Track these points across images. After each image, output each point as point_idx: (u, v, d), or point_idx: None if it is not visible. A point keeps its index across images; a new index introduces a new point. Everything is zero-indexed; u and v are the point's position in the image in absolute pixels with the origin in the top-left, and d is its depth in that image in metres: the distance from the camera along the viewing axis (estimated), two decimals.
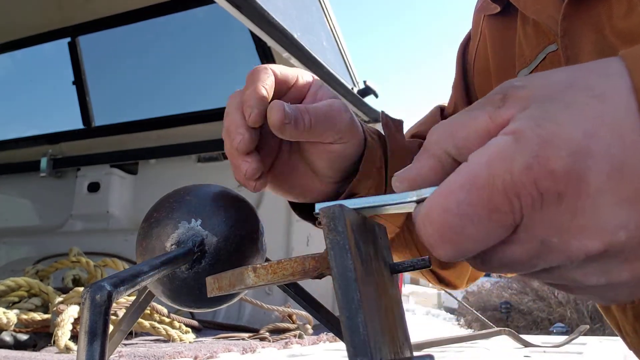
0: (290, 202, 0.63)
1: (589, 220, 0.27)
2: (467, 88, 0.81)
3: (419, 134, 0.80)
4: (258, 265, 0.32)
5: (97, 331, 0.32)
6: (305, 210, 0.63)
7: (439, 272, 0.76)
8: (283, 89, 0.55)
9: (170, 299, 0.50)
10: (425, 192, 0.31)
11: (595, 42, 0.54)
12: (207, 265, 0.48)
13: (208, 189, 0.52)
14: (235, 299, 0.53)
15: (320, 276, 0.32)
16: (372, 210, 0.34)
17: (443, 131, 0.33)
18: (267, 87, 0.51)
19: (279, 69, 0.54)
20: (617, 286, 0.29)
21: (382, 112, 0.68)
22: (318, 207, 0.30)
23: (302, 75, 0.56)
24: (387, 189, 0.61)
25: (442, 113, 0.83)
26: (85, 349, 0.31)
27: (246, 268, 0.33)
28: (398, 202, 0.33)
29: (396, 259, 0.73)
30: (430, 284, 0.80)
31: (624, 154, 0.26)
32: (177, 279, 0.48)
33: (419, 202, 0.31)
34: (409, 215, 0.65)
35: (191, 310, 0.53)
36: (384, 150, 0.62)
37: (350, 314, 0.26)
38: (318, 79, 0.58)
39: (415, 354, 0.29)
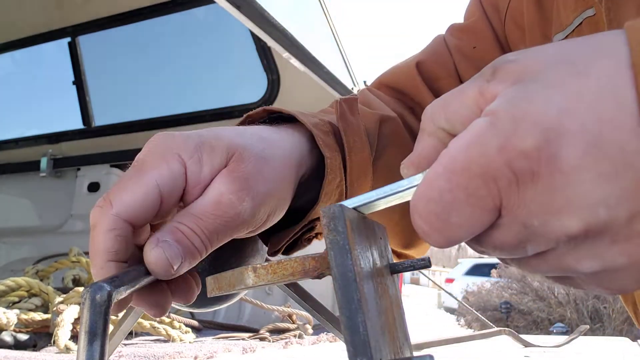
0: None
1: (566, 199, 0.26)
2: (493, 30, 0.76)
3: (426, 66, 0.74)
4: (258, 265, 0.32)
5: (97, 331, 0.32)
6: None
7: (401, 251, 0.73)
8: (149, 217, 0.39)
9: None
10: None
11: (639, 8, 0.53)
12: (207, 265, 0.48)
13: None
14: (236, 299, 0.53)
15: (320, 276, 0.32)
16: (374, 205, 0.34)
17: (435, 107, 0.32)
18: (118, 256, 0.38)
19: (126, 213, 0.38)
20: (616, 272, 0.28)
21: (336, 101, 0.58)
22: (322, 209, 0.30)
23: (159, 183, 0.39)
24: (348, 194, 0.55)
25: (418, 67, 0.75)
26: (85, 349, 0.31)
27: (246, 268, 0.33)
28: (398, 190, 0.33)
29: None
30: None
31: (601, 130, 0.26)
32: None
33: None
34: None
35: (191, 310, 0.53)
36: (341, 151, 0.53)
37: (350, 313, 0.26)
38: (188, 152, 0.40)
39: (416, 354, 0.29)
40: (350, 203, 0.33)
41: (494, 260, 14.12)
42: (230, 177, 0.41)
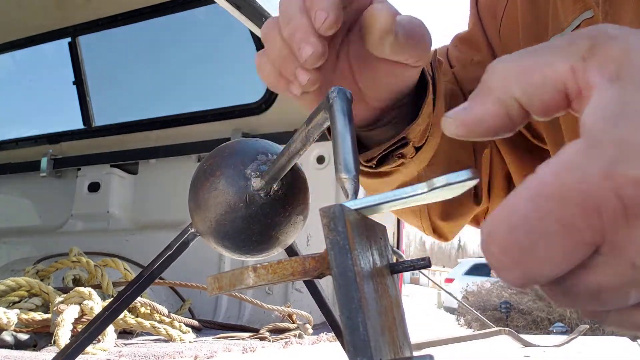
0: None
1: None
2: (487, 40, 0.77)
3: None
4: (258, 265, 0.32)
5: (350, 116, 0.38)
6: None
7: (437, 222, 0.73)
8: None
9: (239, 228, 0.52)
10: (438, 182, 0.29)
11: (636, 12, 0.52)
12: (282, 194, 0.52)
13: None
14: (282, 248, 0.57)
15: (320, 276, 0.32)
16: (374, 209, 0.34)
17: (510, 71, 0.28)
18: None
19: None
20: None
21: (435, 50, 0.63)
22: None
23: None
24: (430, 131, 0.59)
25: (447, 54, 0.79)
26: (341, 126, 0.37)
27: (246, 268, 0.33)
28: (402, 197, 0.33)
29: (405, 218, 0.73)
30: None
31: None
32: (254, 204, 0.51)
33: (429, 191, 0.30)
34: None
35: (243, 257, 0.55)
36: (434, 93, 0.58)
37: (350, 313, 0.27)
38: None
39: (415, 353, 0.29)
40: (352, 204, 0.33)
41: None
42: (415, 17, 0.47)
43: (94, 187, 2.74)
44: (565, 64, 0.26)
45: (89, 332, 0.49)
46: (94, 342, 1.14)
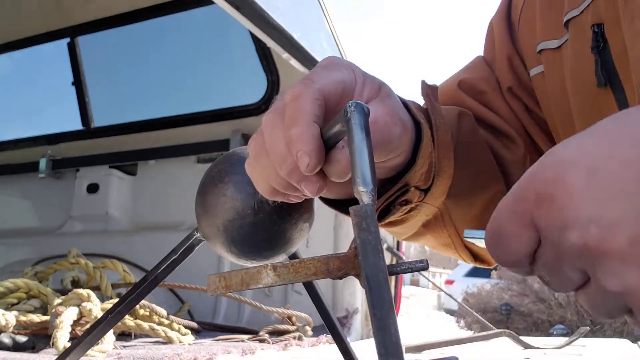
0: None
1: (570, 216, 0.32)
2: (511, 36, 0.76)
3: (468, 82, 0.76)
4: (279, 264, 0.31)
5: (366, 129, 0.39)
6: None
7: (475, 250, 0.72)
8: (333, 102, 0.46)
9: (246, 234, 0.52)
10: None
11: None
12: (274, 213, 0.52)
13: None
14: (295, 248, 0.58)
15: (342, 276, 0.32)
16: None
17: None
18: (319, 122, 0.43)
19: (325, 90, 0.45)
20: None
21: (423, 81, 0.63)
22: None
23: (344, 80, 0.47)
24: (436, 170, 0.57)
25: (459, 85, 0.77)
26: (359, 140, 0.39)
27: (264, 266, 0.32)
28: None
29: (433, 240, 0.71)
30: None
31: (603, 164, 0.32)
32: (262, 210, 0.52)
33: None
34: (448, 195, 0.62)
35: (253, 262, 0.54)
36: (430, 127, 0.57)
37: (382, 315, 0.26)
38: (358, 73, 0.49)
39: (441, 355, 0.29)
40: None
41: None
42: (384, 104, 0.48)
43: (92, 188, 2.73)
44: None
45: (92, 334, 0.48)
46: None
